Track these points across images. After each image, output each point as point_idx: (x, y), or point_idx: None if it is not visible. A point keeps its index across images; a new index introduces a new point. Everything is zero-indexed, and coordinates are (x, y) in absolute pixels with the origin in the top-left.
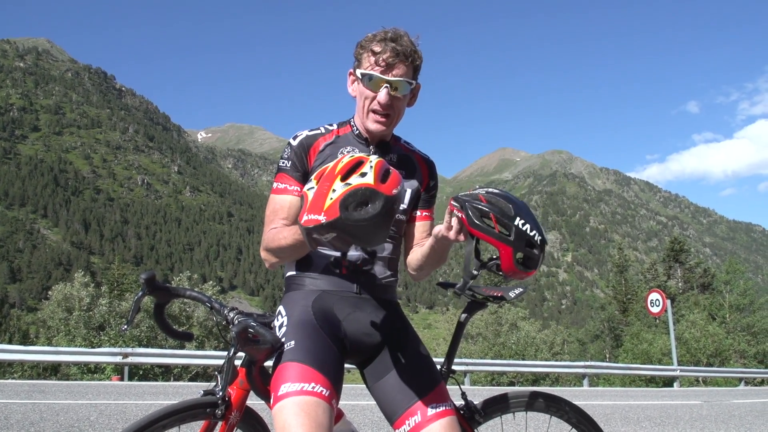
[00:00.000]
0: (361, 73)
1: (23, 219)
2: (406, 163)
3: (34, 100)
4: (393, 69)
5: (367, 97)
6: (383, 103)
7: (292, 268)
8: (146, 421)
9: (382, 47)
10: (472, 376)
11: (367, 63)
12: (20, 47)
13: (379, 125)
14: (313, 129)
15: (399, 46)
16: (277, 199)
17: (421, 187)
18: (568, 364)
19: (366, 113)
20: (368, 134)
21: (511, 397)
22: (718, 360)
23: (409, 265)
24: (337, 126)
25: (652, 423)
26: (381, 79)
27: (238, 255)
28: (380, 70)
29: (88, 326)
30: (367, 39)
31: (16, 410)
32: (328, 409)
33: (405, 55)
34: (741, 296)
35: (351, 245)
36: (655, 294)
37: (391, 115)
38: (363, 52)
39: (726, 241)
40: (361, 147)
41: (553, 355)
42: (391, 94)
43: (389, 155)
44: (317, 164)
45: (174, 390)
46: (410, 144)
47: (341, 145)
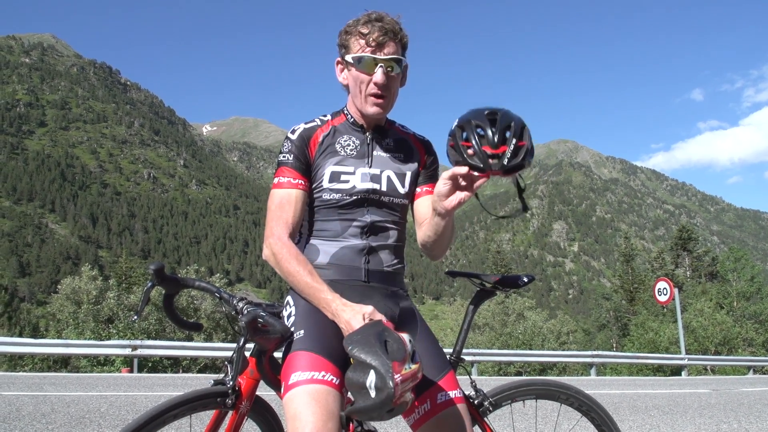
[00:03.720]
0: (352, 57)
1: (31, 214)
2: (402, 145)
3: (40, 95)
4: (384, 48)
5: (362, 81)
6: (380, 83)
7: None
8: (157, 411)
9: (369, 28)
10: (480, 366)
11: (356, 46)
12: (26, 43)
13: (378, 108)
14: (309, 122)
15: (386, 24)
16: (281, 193)
17: (419, 167)
18: (575, 354)
19: (364, 98)
20: (364, 120)
21: (521, 385)
22: (726, 348)
23: (422, 246)
24: (331, 116)
25: (661, 411)
26: (373, 59)
27: (245, 248)
28: (371, 50)
29: (97, 319)
30: (351, 23)
31: (27, 402)
32: (339, 398)
33: (393, 33)
34: (748, 284)
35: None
36: (663, 283)
37: (387, 96)
38: (349, 36)
39: (734, 229)
40: (357, 134)
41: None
42: (387, 74)
43: (386, 140)
44: (317, 157)
45: (183, 381)
46: (405, 127)
47: (338, 135)
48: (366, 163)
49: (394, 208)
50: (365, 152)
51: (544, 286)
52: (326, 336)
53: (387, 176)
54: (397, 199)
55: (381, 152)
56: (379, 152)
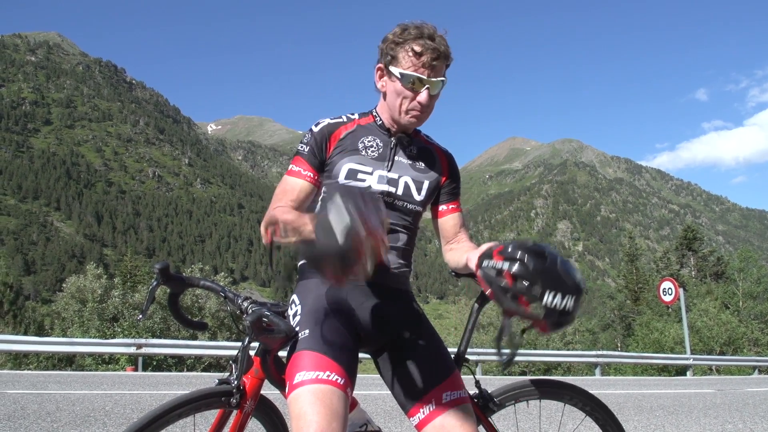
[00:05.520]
0: (400, 72)
1: (37, 212)
2: (425, 155)
3: (46, 93)
4: (434, 70)
5: (405, 97)
6: (424, 103)
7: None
8: (162, 410)
9: (422, 47)
10: (484, 365)
11: (407, 62)
12: (31, 41)
13: (415, 120)
14: (335, 117)
15: (440, 46)
16: (289, 180)
17: (441, 179)
18: (579, 354)
19: (403, 112)
20: (396, 126)
21: (526, 385)
22: (732, 348)
23: (449, 264)
24: (358, 116)
25: (666, 411)
26: (423, 80)
27: (249, 246)
28: (424, 72)
29: (102, 318)
30: (401, 35)
31: (32, 400)
32: (344, 398)
33: (445, 56)
34: (754, 284)
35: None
36: (668, 282)
37: (426, 112)
38: (399, 49)
39: (739, 228)
40: (382, 137)
41: (565, 344)
42: (430, 94)
43: (410, 147)
44: (336, 152)
45: (187, 380)
46: (430, 137)
47: (362, 134)
48: (386, 166)
49: (407, 213)
50: (387, 155)
51: None
52: (331, 336)
53: (404, 182)
54: (411, 205)
55: (403, 158)
56: (401, 158)
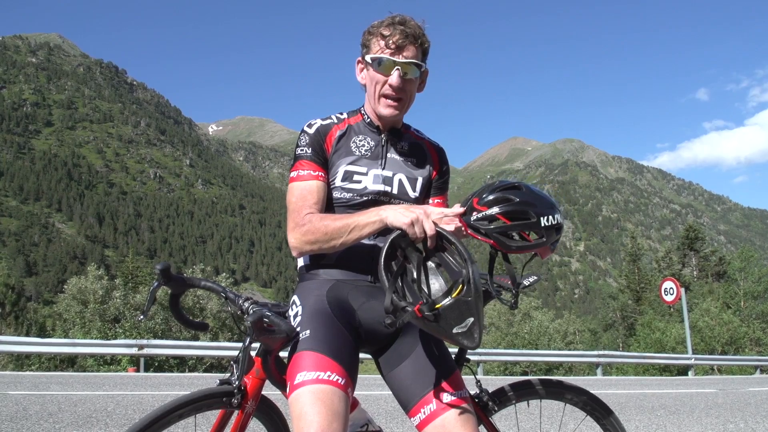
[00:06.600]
0: (371, 57)
1: (38, 213)
2: (416, 150)
3: (47, 95)
4: (403, 51)
5: (378, 82)
6: (395, 85)
7: (306, 259)
8: (163, 410)
9: (390, 31)
10: (485, 366)
11: (376, 47)
12: (32, 43)
13: (392, 109)
14: (325, 118)
15: (408, 28)
16: (303, 185)
17: (432, 174)
18: (581, 354)
19: (377, 98)
20: (380, 121)
21: (526, 385)
22: (733, 348)
23: None
24: (347, 115)
25: (667, 411)
26: (391, 61)
27: (251, 247)
28: (390, 52)
29: (104, 319)
30: (375, 25)
31: (34, 401)
32: (344, 398)
33: (414, 37)
34: (756, 284)
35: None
36: (669, 282)
37: (403, 99)
38: (371, 37)
39: (741, 228)
40: (373, 135)
41: (566, 344)
42: (403, 77)
43: (400, 143)
44: (333, 153)
45: (189, 381)
46: (420, 132)
47: (353, 134)
48: (379, 164)
49: None
50: (379, 154)
51: (550, 286)
52: (332, 336)
53: (399, 180)
54: (407, 203)
55: (395, 155)
56: (393, 155)
